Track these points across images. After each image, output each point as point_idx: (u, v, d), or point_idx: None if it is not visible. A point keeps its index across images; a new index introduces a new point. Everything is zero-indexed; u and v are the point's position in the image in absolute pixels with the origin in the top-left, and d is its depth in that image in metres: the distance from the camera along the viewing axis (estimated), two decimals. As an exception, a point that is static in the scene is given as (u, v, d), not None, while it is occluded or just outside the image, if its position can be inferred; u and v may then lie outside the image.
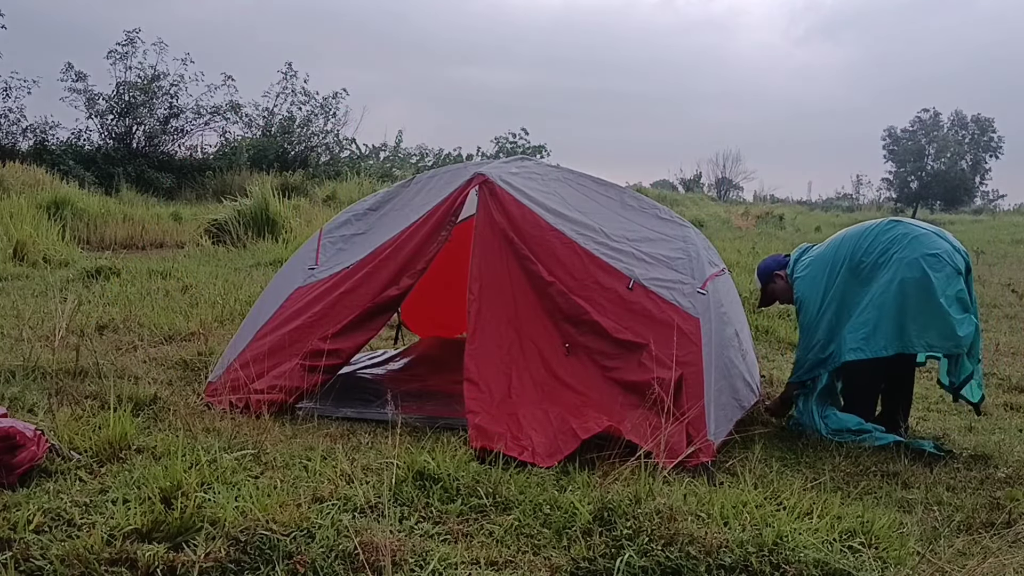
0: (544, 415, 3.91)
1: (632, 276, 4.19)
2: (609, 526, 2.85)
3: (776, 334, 7.47)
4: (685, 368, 3.91)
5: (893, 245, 4.32)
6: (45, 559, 2.51)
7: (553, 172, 4.91)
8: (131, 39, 25.19)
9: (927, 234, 4.35)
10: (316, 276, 4.71)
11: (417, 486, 3.19)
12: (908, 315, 4.19)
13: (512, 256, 4.28)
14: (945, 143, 46.01)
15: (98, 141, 25.18)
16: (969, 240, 20.69)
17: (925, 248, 4.24)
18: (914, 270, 4.19)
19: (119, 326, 6.32)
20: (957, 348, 4.23)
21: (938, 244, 4.28)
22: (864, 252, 4.40)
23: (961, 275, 4.24)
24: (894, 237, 4.35)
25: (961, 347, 4.22)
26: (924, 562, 2.79)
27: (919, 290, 4.17)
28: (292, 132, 27.65)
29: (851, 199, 58.85)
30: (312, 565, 2.54)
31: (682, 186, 56.20)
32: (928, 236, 4.33)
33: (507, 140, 32.21)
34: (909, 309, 4.18)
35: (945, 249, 4.26)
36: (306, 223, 14.15)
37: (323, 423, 4.25)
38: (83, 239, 13.04)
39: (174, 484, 2.91)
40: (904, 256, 4.24)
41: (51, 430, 3.52)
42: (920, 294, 4.17)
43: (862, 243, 4.44)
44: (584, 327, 4.13)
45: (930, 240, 4.30)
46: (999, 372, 6.23)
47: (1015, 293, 10.64)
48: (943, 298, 4.13)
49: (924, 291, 4.16)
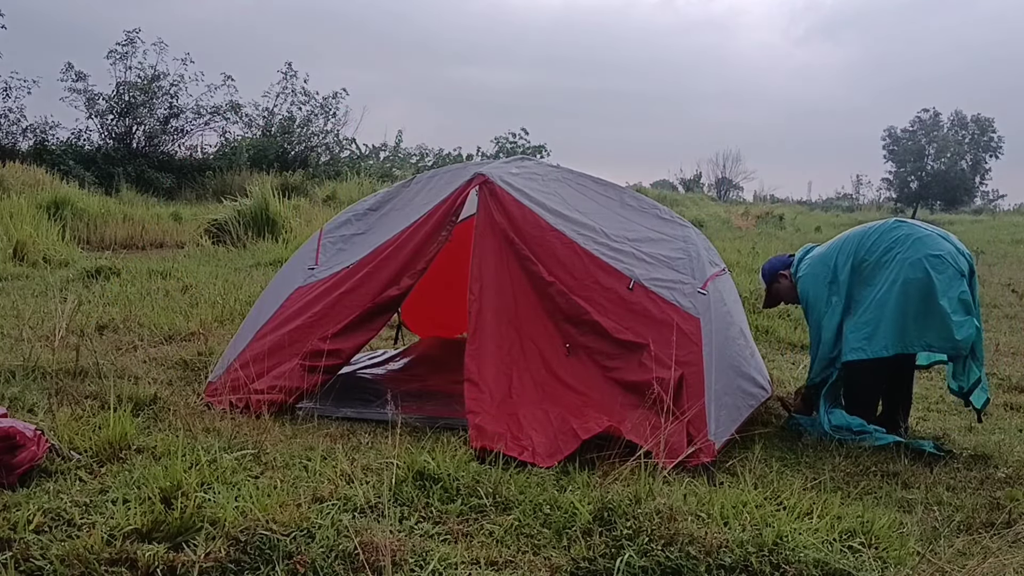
0: (544, 415, 3.91)
1: (632, 276, 4.19)
2: (609, 526, 2.85)
3: (776, 334, 7.47)
4: (685, 368, 3.91)
5: (896, 245, 4.31)
6: (45, 559, 2.51)
7: (553, 172, 4.91)
8: (131, 39, 25.24)
9: (931, 235, 4.34)
10: (316, 276, 4.71)
11: (417, 486, 3.19)
12: (909, 316, 4.19)
13: (512, 256, 4.28)
14: (945, 143, 45.97)
15: (98, 141, 25.23)
16: (969, 240, 20.63)
17: (928, 249, 4.24)
18: (917, 271, 4.19)
19: (119, 326, 6.32)
20: (955, 350, 4.23)
21: (941, 245, 4.27)
22: (867, 251, 4.39)
23: (964, 277, 4.23)
24: (897, 237, 4.34)
25: (960, 349, 4.21)
26: (924, 562, 2.79)
27: (921, 291, 4.16)
28: (292, 132, 27.65)
29: (851, 199, 58.82)
30: (312, 565, 2.54)
31: (682, 186, 56.20)
32: (932, 237, 4.32)
33: (507, 140, 32.22)
34: (910, 310, 4.18)
35: (948, 250, 4.25)
36: (306, 223, 14.15)
37: (323, 423, 4.25)
38: (83, 239, 13.04)
39: (174, 484, 2.91)
40: (907, 256, 4.24)
41: (51, 430, 3.52)
42: (922, 295, 4.17)
43: (865, 242, 4.43)
44: (585, 327, 4.13)
45: (933, 241, 4.29)
46: (999, 372, 6.23)
47: (1015, 293, 10.64)
48: (945, 300, 4.13)
49: (926, 292, 4.16)
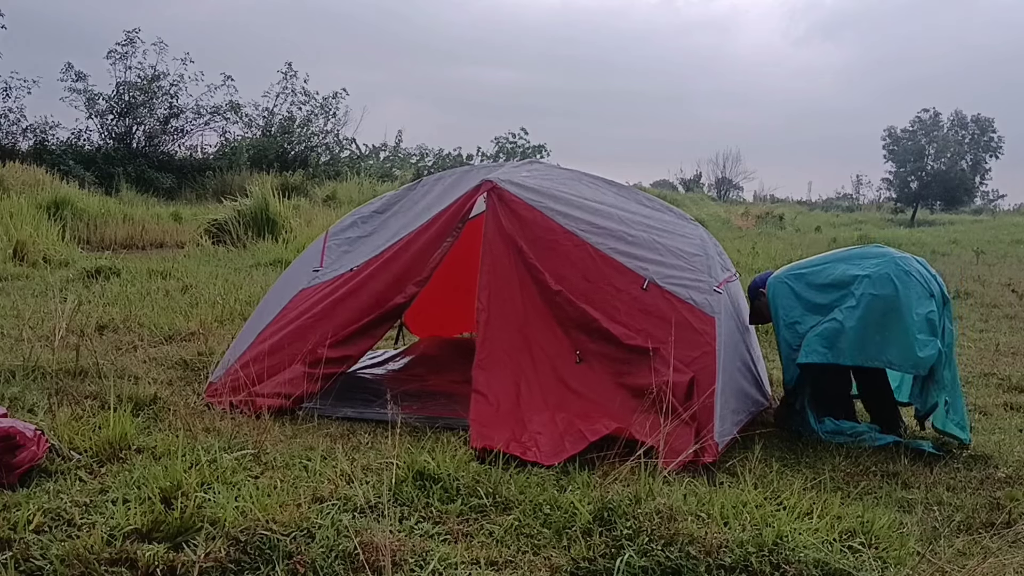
0: (551, 419, 3.90)
1: (647, 275, 4.15)
2: (609, 526, 2.85)
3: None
4: (697, 369, 3.90)
5: (867, 259, 4.34)
6: (45, 559, 2.52)
7: (566, 172, 4.94)
8: (131, 39, 25.18)
9: (904, 257, 4.37)
10: (320, 278, 4.72)
11: (417, 486, 3.19)
12: (871, 329, 4.16)
13: (521, 263, 4.26)
14: (945, 143, 45.89)
15: (98, 141, 25.16)
16: (969, 240, 20.74)
17: (899, 266, 4.25)
18: (884, 286, 4.18)
19: (119, 326, 6.32)
20: (915, 369, 4.20)
21: (912, 265, 4.30)
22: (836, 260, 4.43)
23: (933, 298, 4.20)
24: (870, 253, 4.42)
25: (920, 368, 4.17)
26: (924, 562, 2.79)
27: (886, 306, 4.15)
28: (292, 132, 27.63)
29: (851, 199, 58.79)
30: (312, 565, 2.54)
31: (682, 186, 56.17)
32: (904, 258, 4.35)
33: (507, 140, 32.23)
34: (872, 323, 4.16)
35: (918, 271, 4.27)
36: (306, 223, 14.16)
37: (323, 423, 4.26)
38: (83, 239, 13.04)
39: (174, 484, 2.91)
40: (876, 271, 4.24)
41: (51, 430, 3.52)
42: (885, 310, 4.15)
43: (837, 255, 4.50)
44: (596, 334, 4.10)
45: (905, 260, 4.32)
46: (999, 372, 6.22)
47: (1015, 293, 10.63)
48: (910, 316, 4.10)
49: (891, 307, 4.14)
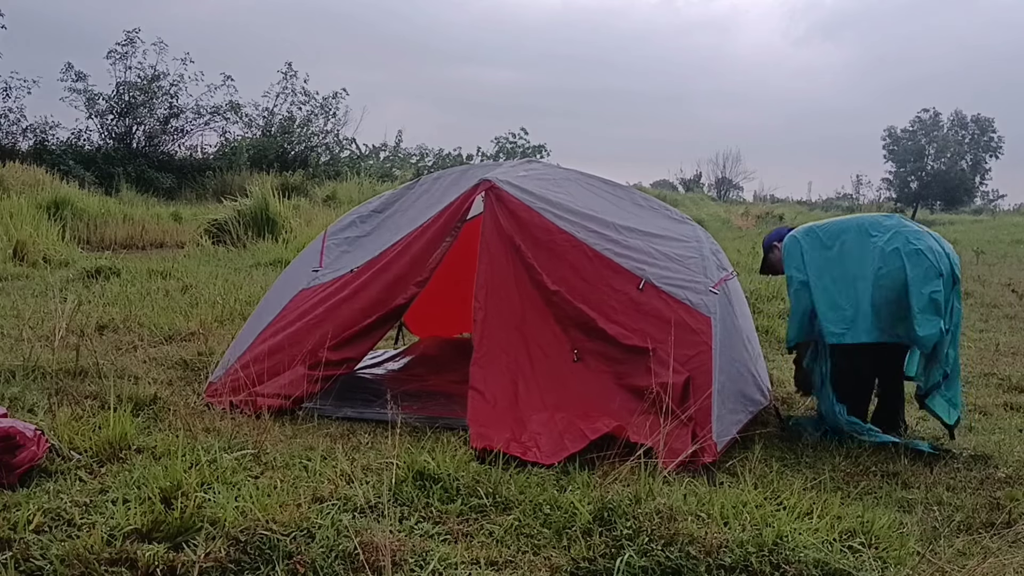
0: (550, 418, 3.90)
1: (643, 276, 4.16)
2: (609, 526, 2.85)
3: (776, 334, 7.45)
4: (694, 369, 3.90)
5: (879, 232, 4.29)
6: (45, 559, 2.52)
7: (563, 172, 4.92)
8: (131, 39, 25.18)
9: (917, 231, 4.31)
10: (320, 279, 4.72)
11: (417, 486, 3.19)
12: (882, 305, 4.17)
13: (519, 262, 4.27)
14: (945, 143, 45.87)
15: (98, 141, 25.16)
16: (969, 240, 20.71)
17: (910, 241, 4.21)
18: (893, 261, 4.17)
19: (119, 326, 6.32)
20: (919, 346, 4.23)
21: (924, 240, 4.24)
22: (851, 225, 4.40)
23: (941, 277, 4.17)
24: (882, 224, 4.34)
25: (922, 346, 4.19)
26: (924, 562, 2.79)
27: (894, 282, 4.15)
28: (292, 132, 27.62)
29: (851, 199, 58.65)
30: (312, 565, 2.54)
31: (682, 186, 56.12)
32: (917, 232, 4.29)
33: (507, 140, 32.21)
34: (881, 299, 4.17)
35: (930, 247, 4.22)
36: (306, 223, 14.16)
37: (323, 423, 4.26)
38: (83, 239, 13.05)
39: (174, 484, 2.91)
40: (887, 246, 4.22)
41: (51, 430, 3.52)
42: (894, 285, 4.15)
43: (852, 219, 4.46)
44: (593, 333, 4.11)
45: (916, 235, 4.26)
46: (999, 372, 6.22)
47: (1015, 293, 10.62)
48: (915, 294, 4.10)
49: (899, 283, 4.14)
